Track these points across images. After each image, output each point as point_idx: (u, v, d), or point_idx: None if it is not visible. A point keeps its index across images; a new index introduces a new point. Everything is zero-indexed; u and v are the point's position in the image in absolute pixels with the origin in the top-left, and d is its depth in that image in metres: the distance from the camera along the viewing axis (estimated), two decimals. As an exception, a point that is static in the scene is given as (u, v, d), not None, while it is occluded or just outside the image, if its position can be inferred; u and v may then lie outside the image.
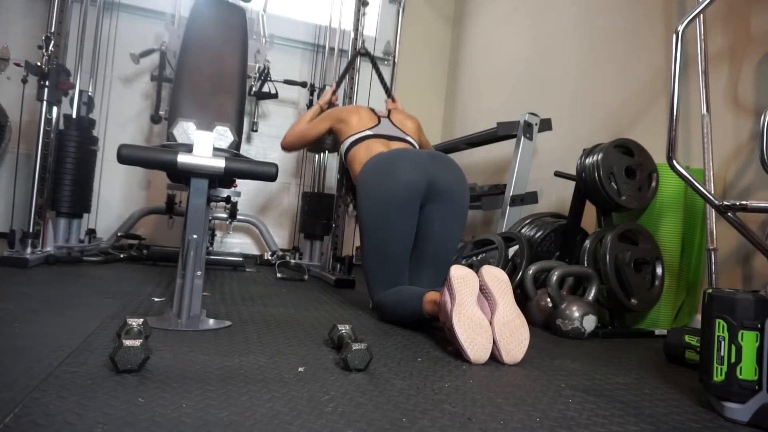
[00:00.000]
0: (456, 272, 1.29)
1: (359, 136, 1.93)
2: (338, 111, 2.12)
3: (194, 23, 1.73)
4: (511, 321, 1.24)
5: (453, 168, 1.76)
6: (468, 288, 1.26)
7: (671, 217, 1.82)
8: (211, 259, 2.68)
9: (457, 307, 1.22)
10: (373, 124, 1.98)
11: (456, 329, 1.20)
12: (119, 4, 3.19)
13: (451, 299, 1.26)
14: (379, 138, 1.93)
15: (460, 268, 1.30)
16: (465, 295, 1.25)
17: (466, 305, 1.23)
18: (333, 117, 2.08)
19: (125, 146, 1.29)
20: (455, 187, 1.71)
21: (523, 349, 1.23)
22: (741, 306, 0.93)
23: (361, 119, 2.00)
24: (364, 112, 2.05)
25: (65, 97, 2.42)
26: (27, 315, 1.26)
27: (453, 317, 1.21)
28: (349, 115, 2.03)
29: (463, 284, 1.26)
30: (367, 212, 1.68)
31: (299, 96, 3.63)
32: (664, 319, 1.81)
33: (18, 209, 2.47)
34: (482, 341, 1.20)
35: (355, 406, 0.83)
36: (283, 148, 2.24)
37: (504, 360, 1.21)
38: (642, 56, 2.22)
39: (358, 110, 2.06)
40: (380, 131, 1.96)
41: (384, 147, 1.88)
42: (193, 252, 1.32)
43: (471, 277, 1.28)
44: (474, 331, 1.20)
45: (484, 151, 3.23)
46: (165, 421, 0.71)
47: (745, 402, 0.92)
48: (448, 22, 4.15)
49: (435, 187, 1.68)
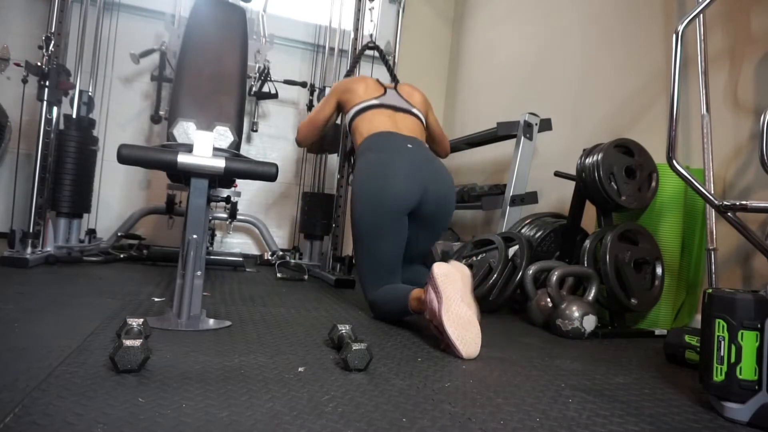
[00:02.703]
0: (438, 270, 1.31)
1: (365, 104, 1.91)
2: (344, 82, 2.10)
3: (194, 23, 1.73)
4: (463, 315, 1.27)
5: (445, 179, 1.76)
6: (452, 285, 1.29)
7: (671, 217, 1.82)
8: (211, 259, 2.68)
9: (445, 305, 1.25)
10: (379, 93, 1.95)
11: (447, 328, 1.23)
12: (119, 4, 3.19)
13: (438, 297, 1.28)
14: (384, 108, 1.90)
15: (441, 266, 1.32)
16: (450, 292, 1.27)
17: (454, 302, 1.26)
18: (339, 89, 2.05)
19: (125, 146, 1.29)
20: (442, 210, 1.75)
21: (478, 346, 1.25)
22: (741, 306, 0.93)
23: (368, 88, 1.97)
24: (371, 81, 2.03)
25: (65, 97, 2.42)
26: (27, 315, 1.26)
27: (443, 316, 1.24)
28: (355, 84, 2.00)
29: (447, 281, 1.29)
30: (360, 218, 1.68)
31: (299, 96, 3.63)
32: (664, 319, 1.81)
33: (18, 209, 2.47)
34: (472, 336, 1.24)
35: (355, 406, 0.83)
36: (298, 143, 2.26)
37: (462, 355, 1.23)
38: (642, 56, 2.22)
39: (365, 79, 2.04)
40: (386, 101, 1.93)
41: (388, 119, 1.85)
42: (193, 252, 1.32)
43: (453, 274, 1.31)
44: (464, 328, 1.24)
45: (484, 151, 3.23)
46: (165, 421, 0.71)
47: (744, 402, 0.92)
48: (448, 22, 4.15)
49: (427, 198, 1.69)
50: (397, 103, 1.95)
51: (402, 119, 1.89)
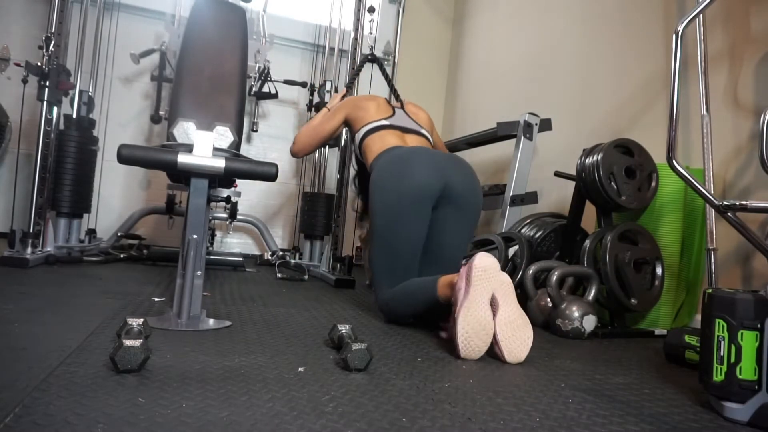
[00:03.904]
0: (479, 262, 1.25)
1: (375, 125, 1.90)
2: (355, 98, 2.08)
3: (194, 23, 1.73)
4: (513, 321, 1.24)
5: (469, 172, 1.73)
6: (485, 283, 1.24)
7: (671, 217, 1.82)
8: (211, 259, 2.68)
9: (468, 302, 1.22)
10: (389, 114, 1.95)
11: (459, 324, 1.20)
12: (119, 4, 3.19)
13: (466, 289, 1.25)
14: (394, 129, 1.90)
15: (485, 257, 1.26)
16: (479, 290, 1.23)
17: (477, 303, 1.22)
18: (349, 105, 2.03)
19: (125, 146, 1.29)
20: (470, 193, 1.68)
21: (526, 349, 1.23)
22: (741, 306, 0.93)
23: (379, 108, 1.96)
24: (382, 101, 2.02)
25: (65, 97, 2.42)
26: (27, 315, 1.26)
27: (460, 312, 1.21)
28: (367, 103, 1.99)
29: (482, 277, 1.24)
30: (379, 212, 1.64)
31: (299, 96, 3.63)
32: (664, 319, 1.81)
33: (18, 209, 2.48)
34: (479, 344, 1.21)
35: (355, 406, 0.83)
36: (293, 154, 2.11)
37: (506, 359, 1.21)
38: (642, 56, 2.22)
39: (376, 98, 2.03)
40: (396, 122, 1.93)
41: (399, 140, 1.85)
42: (193, 252, 1.32)
43: (491, 271, 1.25)
44: (475, 333, 1.21)
45: (484, 151, 3.23)
46: (165, 421, 0.71)
47: (744, 402, 0.92)
48: (448, 22, 4.15)
49: (450, 191, 1.65)
50: (407, 125, 1.96)
51: (411, 140, 1.90)
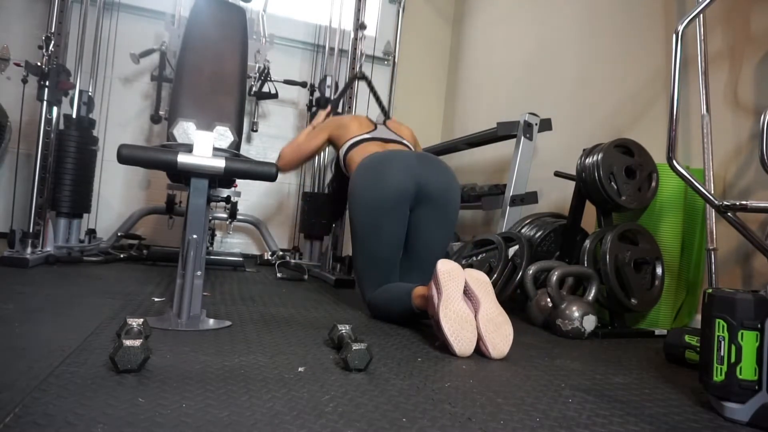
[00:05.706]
0: (442, 267, 1.33)
1: (357, 139, 1.96)
2: (337, 118, 2.17)
3: (194, 23, 1.73)
4: (495, 317, 1.29)
5: (443, 169, 1.76)
6: (454, 282, 1.30)
7: (671, 217, 1.82)
8: (211, 259, 2.68)
9: (444, 301, 1.27)
10: (370, 129, 2.03)
11: (443, 323, 1.24)
12: (119, 4, 3.19)
13: (438, 294, 1.30)
14: (376, 141, 1.96)
15: (446, 263, 1.34)
16: (451, 289, 1.29)
17: (453, 300, 1.28)
18: (332, 125, 2.11)
19: (125, 146, 1.29)
20: (444, 191, 1.73)
21: (508, 344, 1.27)
22: (741, 306, 0.93)
23: (361, 125, 2.04)
24: (363, 119, 2.11)
25: (65, 97, 2.42)
26: (27, 315, 1.26)
27: (440, 311, 1.26)
28: (349, 121, 2.07)
29: (449, 278, 1.30)
30: (357, 215, 1.69)
31: (299, 96, 3.63)
32: (664, 319, 1.81)
33: (18, 209, 2.47)
34: (467, 335, 1.24)
35: (355, 406, 0.83)
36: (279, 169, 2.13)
37: (491, 354, 1.25)
38: (642, 56, 2.22)
39: (358, 118, 2.11)
40: (377, 135, 2.00)
41: (380, 148, 1.89)
42: (193, 252, 1.32)
43: (456, 271, 1.32)
44: (460, 326, 1.24)
45: (484, 151, 3.23)
46: (165, 421, 0.71)
47: (744, 402, 0.92)
48: (448, 22, 4.15)
49: (425, 191, 1.69)
50: (388, 136, 2.02)
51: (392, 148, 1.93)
